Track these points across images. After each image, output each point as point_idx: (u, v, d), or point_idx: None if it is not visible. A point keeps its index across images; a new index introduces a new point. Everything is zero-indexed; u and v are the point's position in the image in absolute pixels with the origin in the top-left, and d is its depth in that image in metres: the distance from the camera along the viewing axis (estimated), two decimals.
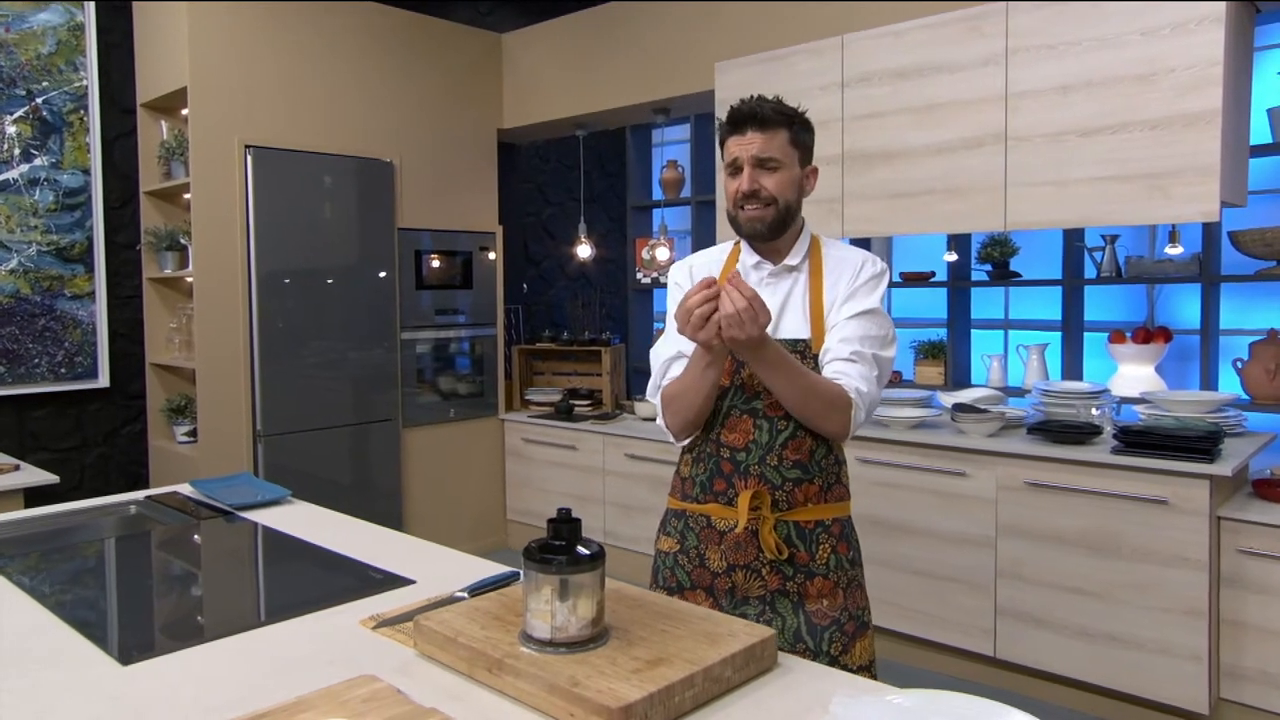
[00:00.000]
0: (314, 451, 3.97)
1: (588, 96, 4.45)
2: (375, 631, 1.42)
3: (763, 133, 1.60)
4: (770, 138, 1.61)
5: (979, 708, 1.08)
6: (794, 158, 1.64)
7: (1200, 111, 2.56)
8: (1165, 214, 2.64)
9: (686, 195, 5.36)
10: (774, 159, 1.61)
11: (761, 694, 1.20)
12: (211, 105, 3.66)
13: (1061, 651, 2.85)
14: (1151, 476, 2.64)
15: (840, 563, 1.64)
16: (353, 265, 4.10)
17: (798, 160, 1.65)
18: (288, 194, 3.85)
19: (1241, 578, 2.58)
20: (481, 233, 4.68)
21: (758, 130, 1.61)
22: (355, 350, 4.12)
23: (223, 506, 2.21)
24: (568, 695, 1.11)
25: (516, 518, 4.82)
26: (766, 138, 1.60)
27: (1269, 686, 2.57)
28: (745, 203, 1.63)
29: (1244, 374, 3.45)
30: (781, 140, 1.62)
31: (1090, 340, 4.35)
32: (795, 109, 1.66)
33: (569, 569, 1.23)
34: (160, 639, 1.39)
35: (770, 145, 1.61)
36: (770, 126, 1.60)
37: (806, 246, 1.70)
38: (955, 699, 1.11)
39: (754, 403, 1.63)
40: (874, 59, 3.16)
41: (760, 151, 1.60)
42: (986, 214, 2.97)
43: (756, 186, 1.61)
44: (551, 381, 5.18)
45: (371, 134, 4.19)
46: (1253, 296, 3.89)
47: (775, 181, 1.62)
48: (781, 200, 1.63)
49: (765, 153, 1.60)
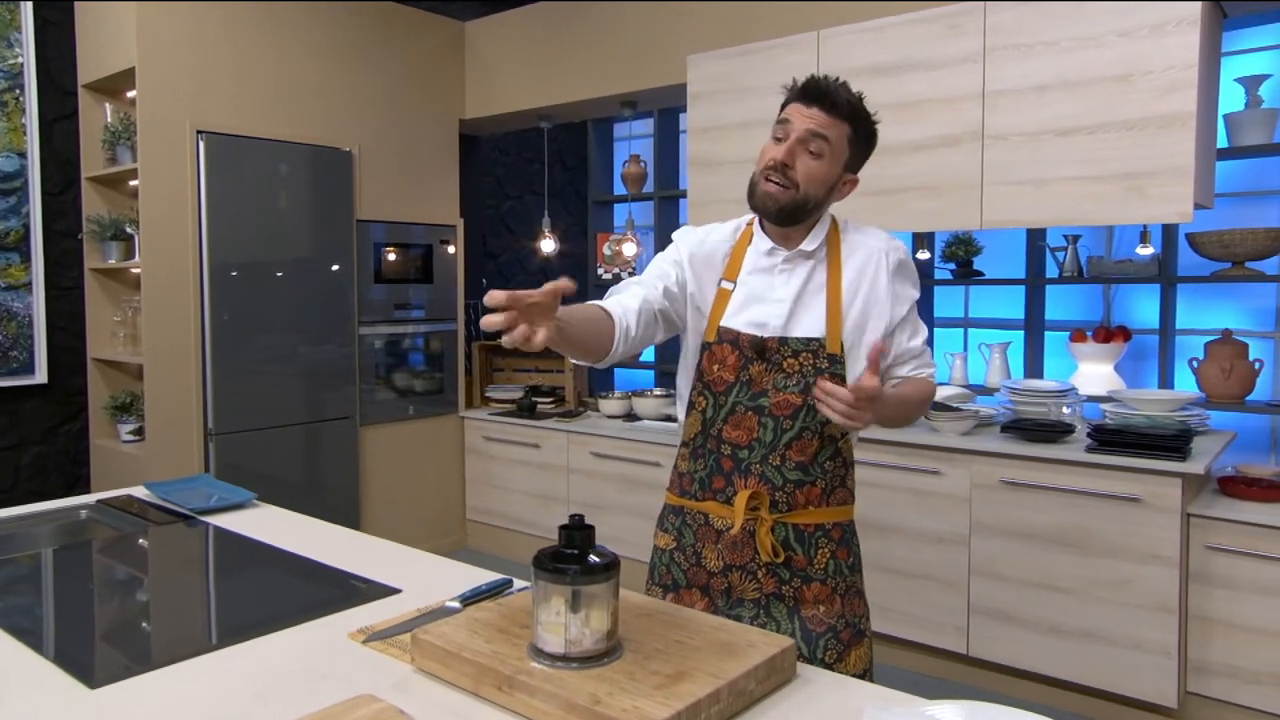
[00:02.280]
0: (268, 450, 3.82)
1: (553, 88, 4.36)
2: (366, 646, 1.34)
3: (827, 114, 1.50)
4: (832, 122, 1.50)
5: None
6: (842, 156, 1.54)
7: (1176, 113, 2.59)
8: (1141, 214, 2.66)
9: (649, 190, 5.31)
10: (824, 140, 1.50)
11: (784, 707, 1.15)
12: (161, 88, 3.48)
13: (1034, 648, 2.87)
14: (1125, 474, 2.67)
15: (840, 568, 1.58)
16: (309, 257, 3.95)
17: (844, 160, 1.55)
18: (242, 182, 3.69)
19: (1209, 574, 2.63)
20: (442, 225, 4.55)
21: (824, 110, 1.50)
22: (311, 345, 3.97)
23: (183, 511, 2.09)
24: (589, 714, 1.04)
25: (476, 517, 4.72)
26: (829, 120, 1.50)
27: (1234, 680, 2.62)
28: (771, 174, 1.52)
29: (1199, 373, 3.52)
30: (841, 131, 1.52)
31: (1050, 339, 4.41)
32: (871, 114, 1.56)
33: (583, 579, 1.16)
34: (128, 659, 1.29)
35: (828, 127, 1.50)
36: (838, 112, 1.51)
37: (824, 233, 1.60)
38: (992, 710, 1.07)
39: (760, 400, 1.56)
40: (851, 55, 3.14)
41: (817, 127, 1.50)
42: (963, 212, 2.97)
43: (790, 162, 1.51)
44: (512, 379, 5.07)
45: (330, 121, 4.04)
46: (1208, 297, 3.98)
47: (810, 168, 1.51)
48: (803, 190, 1.52)
49: (821, 130, 1.50)
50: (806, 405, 1.54)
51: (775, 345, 1.56)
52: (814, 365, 1.55)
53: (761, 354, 1.56)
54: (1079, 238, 3.98)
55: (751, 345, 1.56)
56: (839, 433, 1.58)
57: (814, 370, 1.54)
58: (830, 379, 1.52)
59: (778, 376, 1.56)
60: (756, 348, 1.56)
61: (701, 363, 1.62)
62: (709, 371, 1.61)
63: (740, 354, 1.57)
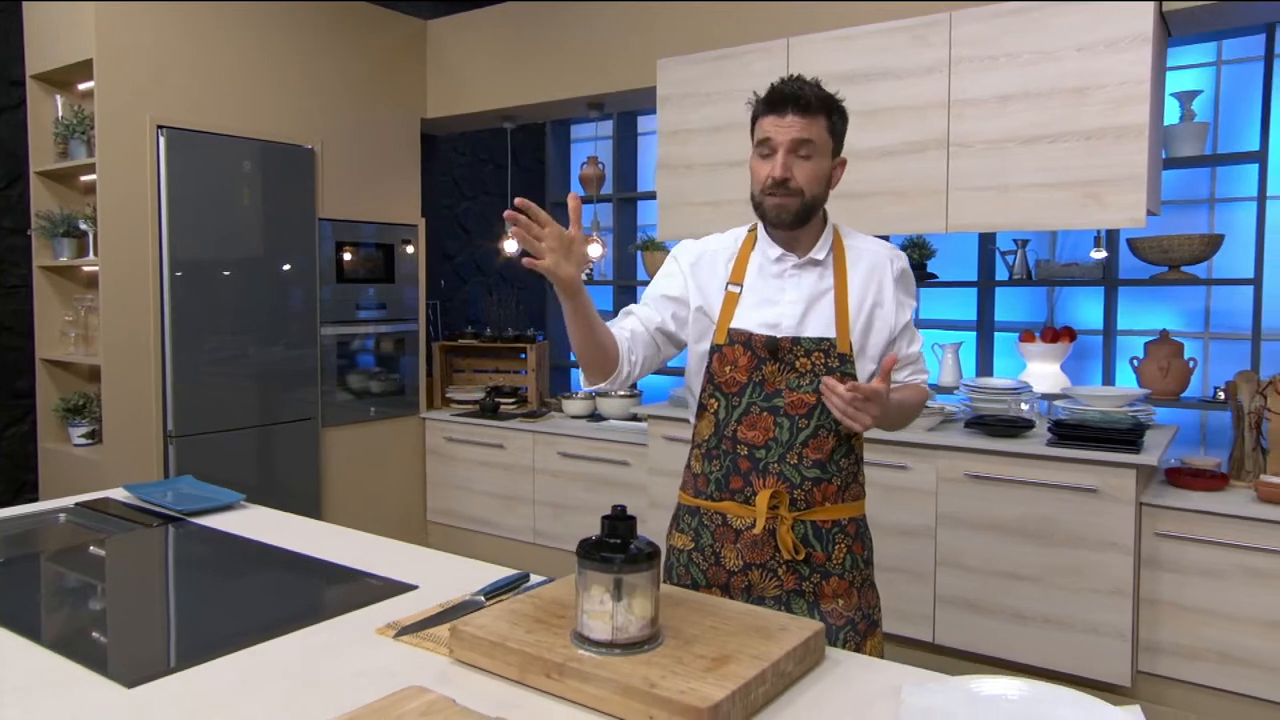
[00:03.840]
0: (230, 453, 3.74)
1: (518, 88, 4.36)
2: (398, 640, 1.35)
3: (803, 117, 1.54)
4: (810, 123, 1.54)
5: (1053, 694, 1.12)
6: (828, 147, 1.59)
7: (1130, 125, 2.74)
8: (1099, 219, 2.81)
9: (608, 192, 5.34)
10: (810, 143, 1.55)
11: (820, 687, 1.21)
12: (120, 81, 3.38)
13: (997, 635, 2.99)
14: (1084, 467, 2.81)
15: (855, 562, 1.63)
16: (271, 256, 3.88)
17: (831, 150, 1.60)
18: (203, 178, 3.60)
19: (1158, 559, 2.78)
20: (403, 225, 4.52)
21: (799, 114, 1.54)
22: (272, 345, 3.90)
23: (172, 513, 2.05)
24: (645, 697, 1.08)
25: (437, 519, 4.68)
26: (806, 122, 1.54)
27: (1180, 658, 2.77)
28: (773, 190, 1.57)
29: (1140, 371, 3.72)
30: (820, 127, 1.56)
31: (998, 340, 4.59)
32: (834, 95, 1.60)
33: (627, 568, 1.20)
34: (158, 657, 1.27)
35: (809, 130, 1.54)
36: (812, 111, 1.54)
37: (830, 240, 1.66)
38: (1022, 685, 1.14)
39: (775, 400, 1.60)
40: (821, 62, 3.23)
41: (800, 134, 1.54)
42: (930, 216, 3.09)
43: (788, 174, 1.55)
44: (472, 379, 5.05)
45: (291, 118, 3.98)
46: (1146, 300, 4.20)
47: (806, 172, 1.56)
48: (809, 193, 1.57)
49: (804, 135, 1.54)
50: (820, 404, 1.58)
51: (789, 345, 1.60)
52: (825, 365, 1.59)
53: (775, 354, 1.60)
54: (1028, 242, 4.15)
55: (765, 345, 1.60)
56: (851, 434, 1.63)
57: (825, 369, 1.59)
58: (841, 379, 1.56)
59: (790, 376, 1.60)
60: (770, 347, 1.60)
61: (711, 365, 1.65)
62: (720, 373, 1.64)
63: (753, 354, 1.61)
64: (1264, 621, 2.62)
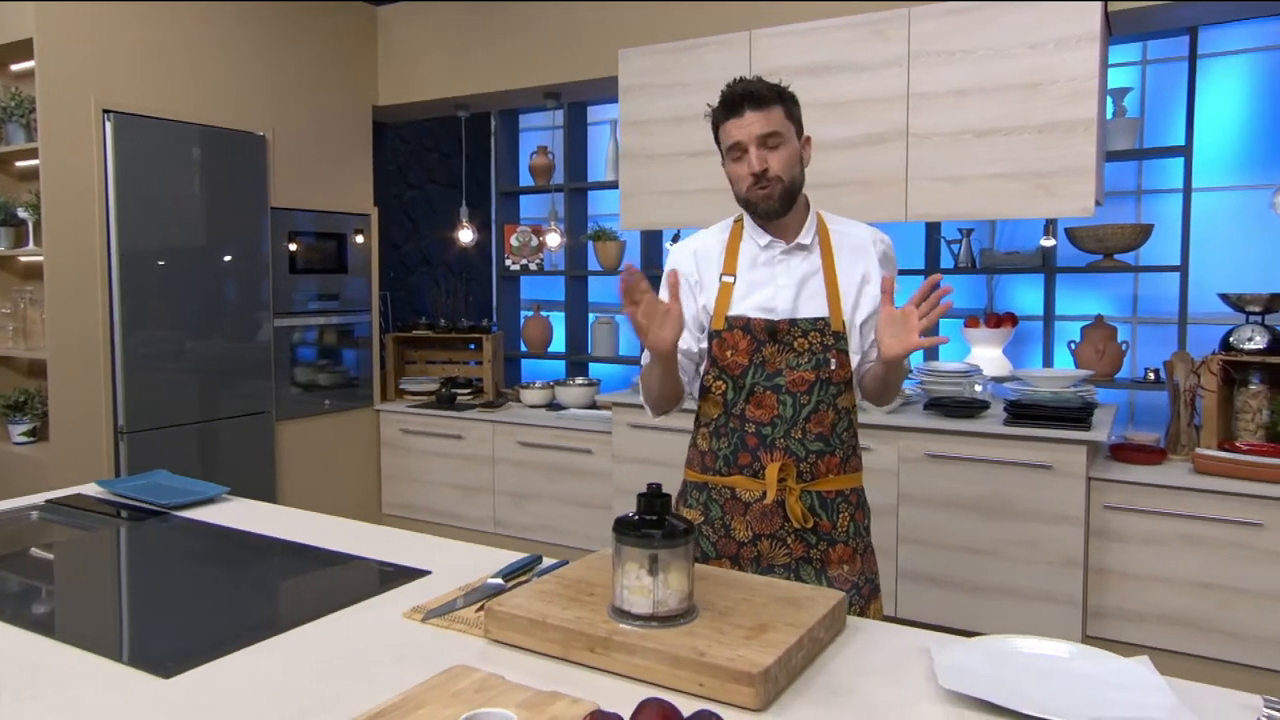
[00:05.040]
0: (182, 448, 3.63)
1: (473, 77, 4.33)
2: (427, 624, 1.36)
3: (760, 111, 1.62)
4: (768, 114, 1.62)
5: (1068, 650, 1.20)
6: (791, 131, 1.66)
7: (1079, 119, 2.89)
8: (1050, 209, 2.95)
9: (558, 182, 5.33)
10: (776, 133, 1.63)
11: (849, 652, 1.27)
12: (63, 63, 3.25)
13: (956, 607, 3.13)
14: (1038, 445, 2.96)
15: (858, 530, 1.73)
16: (223, 245, 3.77)
17: (795, 132, 1.67)
18: (152, 166, 3.49)
19: (1105, 530, 2.95)
20: (356, 214, 4.44)
21: (755, 109, 1.62)
22: (226, 337, 3.80)
23: (155, 507, 2.01)
24: (695, 666, 1.12)
25: (393, 511, 4.64)
26: (765, 115, 1.62)
27: (1124, 621, 2.95)
28: (755, 185, 1.65)
29: (1077, 354, 3.92)
30: (779, 115, 1.64)
31: (942, 325, 4.76)
32: (782, 86, 1.68)
33: (664, 543, 1.23)
34: (191, 648, 1.26)
35: (770, 121, 1.62)
36: (766, 104, 1.63)
37: (815, 225, 1.74)
38: (1038, 643, 1.22)
39: (777, 379, 1.67)
40: (782, 55, 3.30)
41: (762, 129, 1.62)
42: (890, 205, 3.19)
43: (765, 165, 1.63)
44: (425, 370, 5.01)
45: (242, 104, 3.87)
46: (1079, 286, 4.41)
47: (779, 159, 1.64)
48: (787, 177, 1.65)
49: (767, 128, 1.62)
50: (819, 380, 1.67)
51: (786, 327, 1.68)
52: (822, 343, 1.68)
53: (774, 336, 1.68)
54: (972, 231, 4.31)
55: (765, 329, 1.68)
56: (850, 404, 1.72)
57: (822, 348, 1.68)
58: (835, 355, 1.67)
59: (790, 356, 1.68)
60: (770, 330, 1.68)
61: (712, 349, 1.72)
62: (722, 357, 1.71)
63: (752, 337, 1.68)
64: (1199, 584, 2.81)
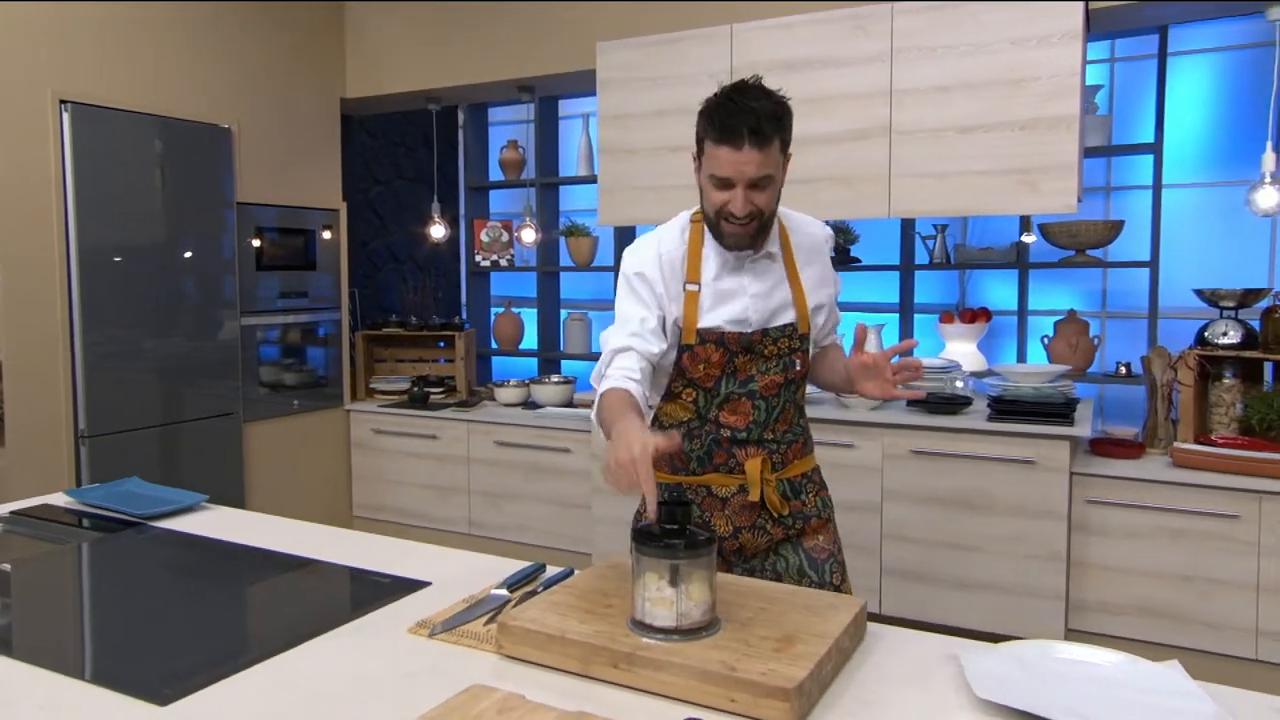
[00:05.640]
0: (147, 452, 3.51)
1: (445, 69, 4.23)
2: (434, 640, 1.30)
3: (760, 150, 1.47)
4: (767, 153, 1.48)
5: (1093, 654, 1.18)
6: (782, 163, 1.55)
7: (1062, 116, 2.90)
8: (1033, 205, 2.97)
9: (529, 176, 5.25)
10: (769, 175, 1.51)
11: (873, 661, 1.24)
12: (17, 49, 3.10)
13: (941, 602, 3.13)
14: (1022, 440, 2.97)
15: (825, 504, 1.78)
16: (188, 242, 3.64)
17: (784, 162, 1.56)
18: (113, 159, 3.35)
19: (1086, 524, 2.97)
20: (324, 210, 4.33)
21: (756, 146, 1.47)
22: (191, 336, 3.67)
23: (130, 517, 1.92)
24: (726, 681, 1.08)
25: (364, 514, 4.53)
26: (763, 155, 1.48)
27: (1106, 614, 2.98)
28: (731, 219, 1.55)
29: (1050, 348, 3.96)
30: (775, 152, 1.50)
31: (917, 320, 4.78)
32: (783, 102, 1.52)
33: (687, 554, 1.20)
34: (188, 672, 1.19)
35: (767, 162, 1.49)
36: (768, 141, 1.47)
37: (777, 229, 1.68)
38: (1066, 647, 1.20)
39: (750, 385, 1.67)
40: (764, 50, 3.27)
41: (757, 171, 1.49)
42: (873, 202, 3.19)
43: (752, 208, 1.52)
44: (395, 369, 4.91)
45: (207, 96, 3.74)
46: (1053, 281, 4.46)
47: (765, 199, 1.54)
48: (767, 211, 1.56)
49: (762, 171, 1.49)
50: (786, 381, 1.69)
51: (759, 338, 1.66)
52: (789, 346, 1.68)
53: (748, 348, 1.66)
54: (946, 227, 4.33)
55: (739, 342, 1.65)
56: (804, 393, 1.78)
57: (790, 350, 1.69)
58: (799, 355, 1.69)
59: (760, 363, 1.68)
60: (745, 344, 1.65)
61: (682, 361, 1.66)
62: (692, 369, 1.66)
63: (725, 350, 1.64)
64: (1179, 576, 2.85)
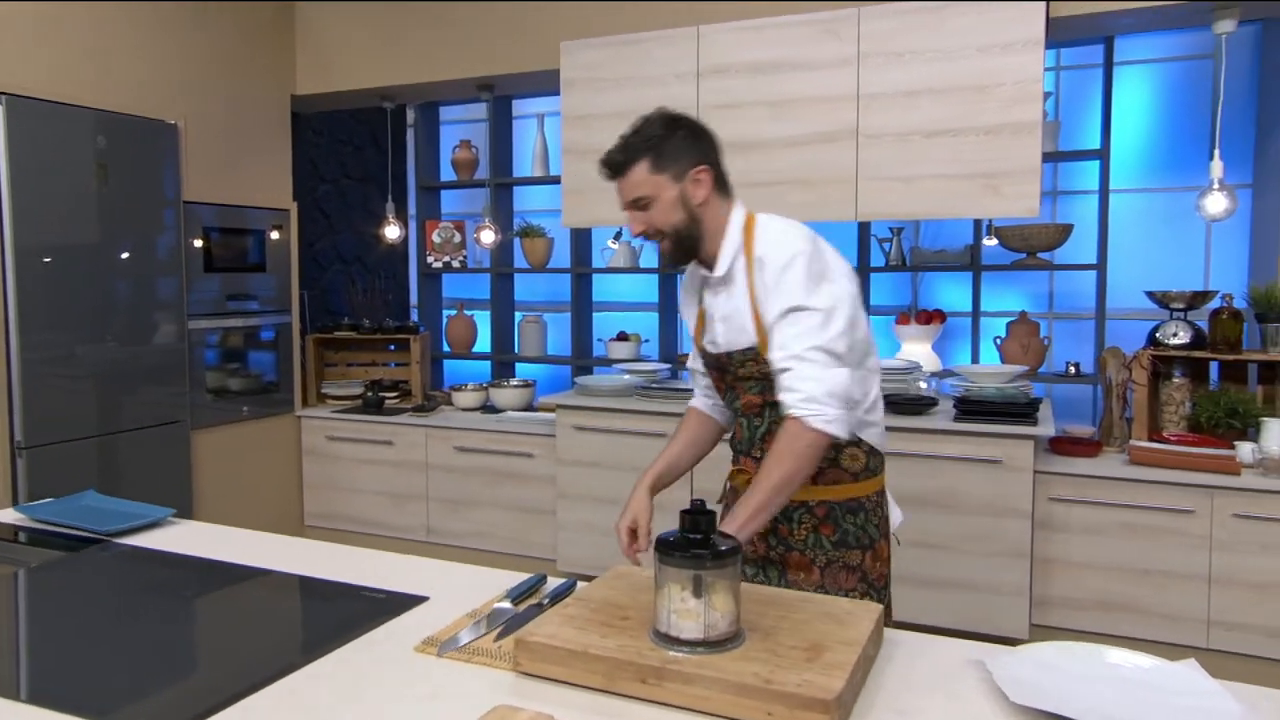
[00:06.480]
0: (88, 463, 3.34)
1: (400, 67, 4.13)
2: (443, 658, 1.25)
3: (623, 178, 1.62)
4: (628, 180, 1.61)
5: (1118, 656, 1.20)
6: (662, 183, 1.60)
7: (1024, 122, 2.96)
8: (997, 209, 3.02)
9: (483, 176, 5.17)
10: (641, 198, 1.62)
11: (894, 668, 1.23)
12: None
13: (910, 601, 3.16)
14: (987, 440, 3.02)
15: (820, 543, 1.67)
16: (132, 242, 3.48)
17: (669, 180, 1.60)
18: (52, 154, 3.17)
19: (1050, 521, 3.04)
20: (274, 209, 4.18)
21: (616, 177, 1.63)
22: (136, 341, 3.50)
23: (94, 535, 1.81)
24: (762, 694, 1.06)
25: (316, 523, 4.40)
26: (626, 181, 1.62)
27: (1068, 609, 3.06)
28: (647, 240, 1.69)
29: (1003, 349, 4.04)
30: (640, 176, 1.60)
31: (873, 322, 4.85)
32: (654, 131, 1.61)
33: (713, 564, 1.17)
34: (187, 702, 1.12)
35: (632, 186, 1.61)
36: (622, 169, 1.61)
37: (734, 247, 1.65)
38: (1086, 649, 1.21)
39: (735, 404, 1.74)
40: (730, 51, 3.27)
41: (628, 195, 1.63)
42: (839, 205, 3.21)
43: (643, 227, 1.64)
44: (347, 374, 4.77)
45: (152, 90, 3.57)
46: (1002, 283, 4.57)
47: (652, 218, 1.63)
48: (668, 228, 1.63)
49: (632, 194, 1.62)
50: (766, 403, 1.67)
51: (725, 359, 1.70)
52: (760, 370, 1.65)
53: (722, 368, 1.73)
54: (902, 230, 4.40)
55: (714, 361, 1.75)
56: None
57: (761, 374, 1.64)
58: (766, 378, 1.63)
59: (741, 382, 1.72)
60: (719, 365, 1.73)
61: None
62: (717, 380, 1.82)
63: (712, 368, 1.77)
64: (1137, 570, 2.93)
